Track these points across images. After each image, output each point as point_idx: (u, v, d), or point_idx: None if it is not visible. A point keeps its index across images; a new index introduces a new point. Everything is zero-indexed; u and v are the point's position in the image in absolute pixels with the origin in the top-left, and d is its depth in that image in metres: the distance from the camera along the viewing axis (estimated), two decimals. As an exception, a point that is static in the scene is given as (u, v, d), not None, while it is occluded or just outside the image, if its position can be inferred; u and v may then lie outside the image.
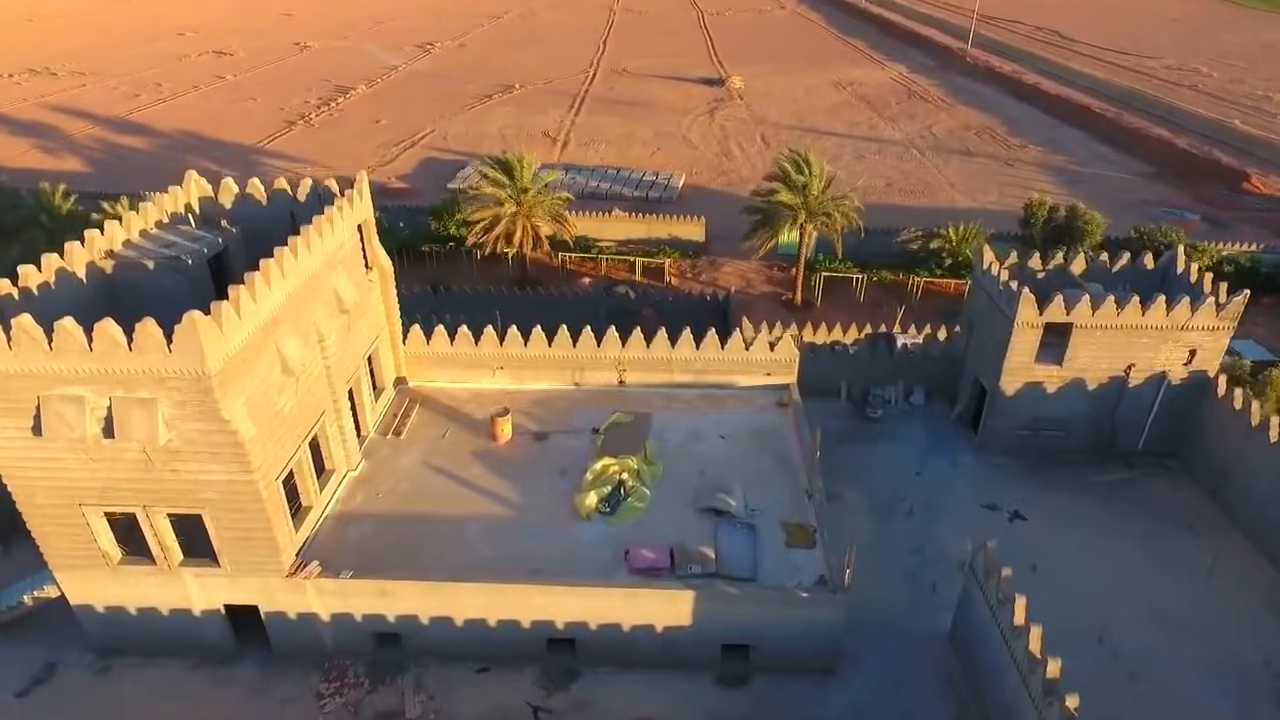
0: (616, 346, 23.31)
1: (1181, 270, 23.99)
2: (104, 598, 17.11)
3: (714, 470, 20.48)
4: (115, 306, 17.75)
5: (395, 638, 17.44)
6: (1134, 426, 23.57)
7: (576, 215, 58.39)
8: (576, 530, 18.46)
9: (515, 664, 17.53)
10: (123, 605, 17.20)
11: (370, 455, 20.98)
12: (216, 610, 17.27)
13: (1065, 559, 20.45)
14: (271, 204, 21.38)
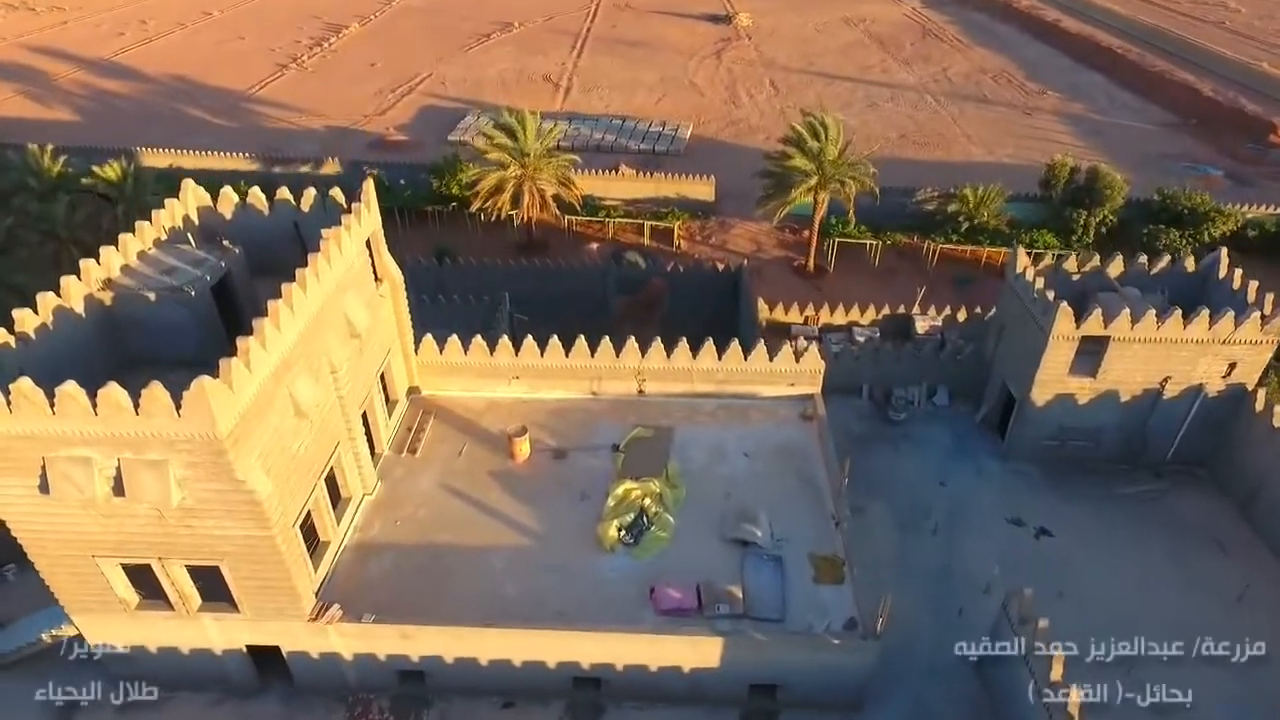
0: (636, 356, 22.55)
1: (1224, 275, 23.03)
2: (123, 638, 16.87)
3: (739, 492, 20.02)
4: (118, 342, 17.00)
5: (419, 674, 17.28)
6: (1165, 437, 23.05)
7: (582, 174, 56.74)
8: (600, 564, 18.11)
9: (540, 700, 17.45)
10: (143, 644, 16.97)
11: (386, 475, 20.48)
12: (238, 649, 17.06)
13: (1092, 582, 20.20)
14: (274, 214, 20.31)
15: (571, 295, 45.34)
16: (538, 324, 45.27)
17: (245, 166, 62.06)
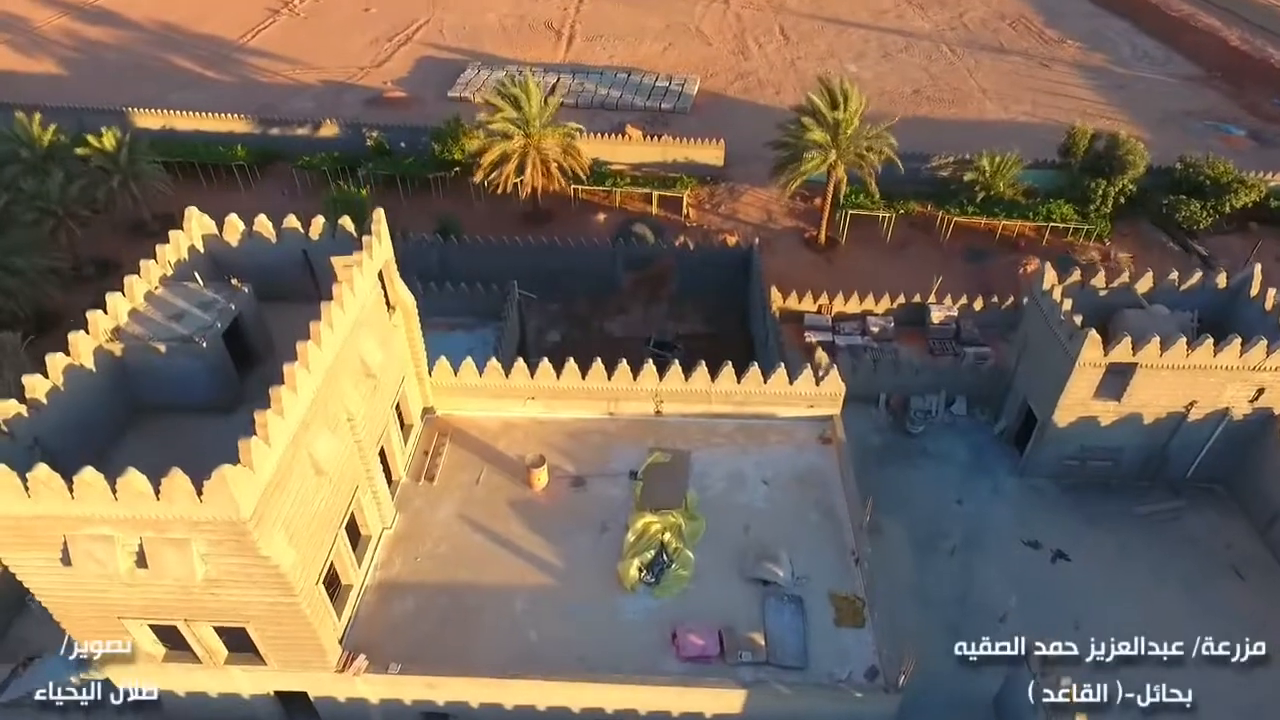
0: (653, 379, 22.18)
1: (1256, 294, 22.45)
2: (150, 684, 17.04)
3: (758, 524, 19.98)
4: (130, 391, 16.66)
5: (445, 716, 17.55)
6: (1186, 456, 22.91)
7: (587, 137, 55.21)
8: (621, 605, 18.18)
9: (563, 732, 17.77)
10: (171, 690, 17.17)
11: (404, 506, 20.40)
12: (266, 694, 17.27)
13: (1108, 611, 20.34)
14: (282, 243, 19.68)
15: (579, 272, 44.69)
16: (545, 301, 44.79)
17: (240, 128, 60.40)
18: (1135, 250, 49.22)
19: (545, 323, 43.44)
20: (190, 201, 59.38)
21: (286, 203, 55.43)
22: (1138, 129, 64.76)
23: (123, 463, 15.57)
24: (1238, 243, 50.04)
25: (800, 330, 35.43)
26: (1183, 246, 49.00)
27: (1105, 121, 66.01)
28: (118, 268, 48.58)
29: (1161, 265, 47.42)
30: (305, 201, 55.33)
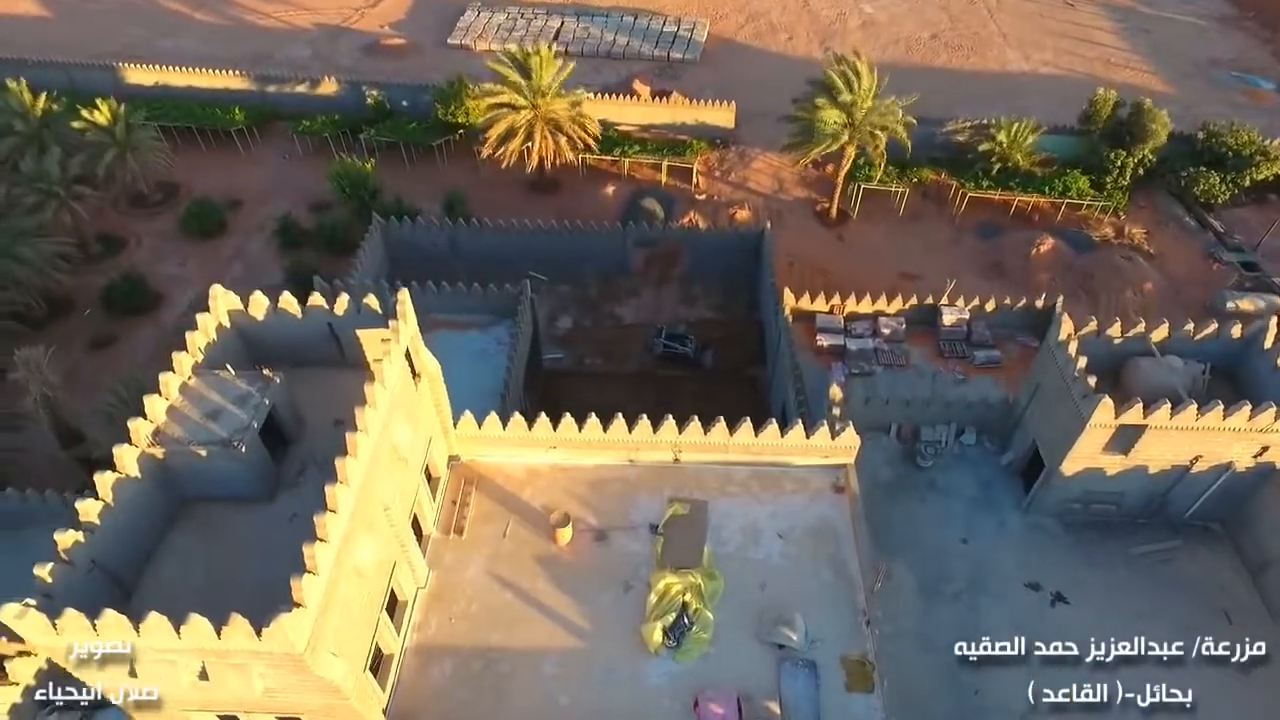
0: (673, 432, 22.73)
1: (1270, 346, 22.70)
2: (212, 748, 18.42)
3: (773, 582, 21.02)
4: (174, 488, 17.33)
5: (483, 771, 19.03)
6: (1186, 499, 23.73)
7: (595, 98, 53.77)
8: (645, 670, 19.39)
9: (594, 791, 19.32)
10: (230, 752, 18.58)
11: (435, 563, 21.38)
12: (317, 756, 18.69)
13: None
14: (308, 318, 19.83)
15: (590, 254, 44.55)
16: (555, 283, 44.81)
17: (236, 84, 58.77)
18: (1150, 225, 48.75)
19: (556, 308, 43.59)
20: (189, 168, 58.72)
21: (287, 167, 54.68)
22: (1161, 81, 62.85)
23: (172, 563, 16.51)
24: (1255, 215, 49.56)
25: (812, 330, 35.65)
26: (1199, 221, 48.54)
27: (1128, 72, 63.95)
28: (124, 243, 48.43)
29: (1176, 242, 47.24)
30: (306, 166, 54.49)
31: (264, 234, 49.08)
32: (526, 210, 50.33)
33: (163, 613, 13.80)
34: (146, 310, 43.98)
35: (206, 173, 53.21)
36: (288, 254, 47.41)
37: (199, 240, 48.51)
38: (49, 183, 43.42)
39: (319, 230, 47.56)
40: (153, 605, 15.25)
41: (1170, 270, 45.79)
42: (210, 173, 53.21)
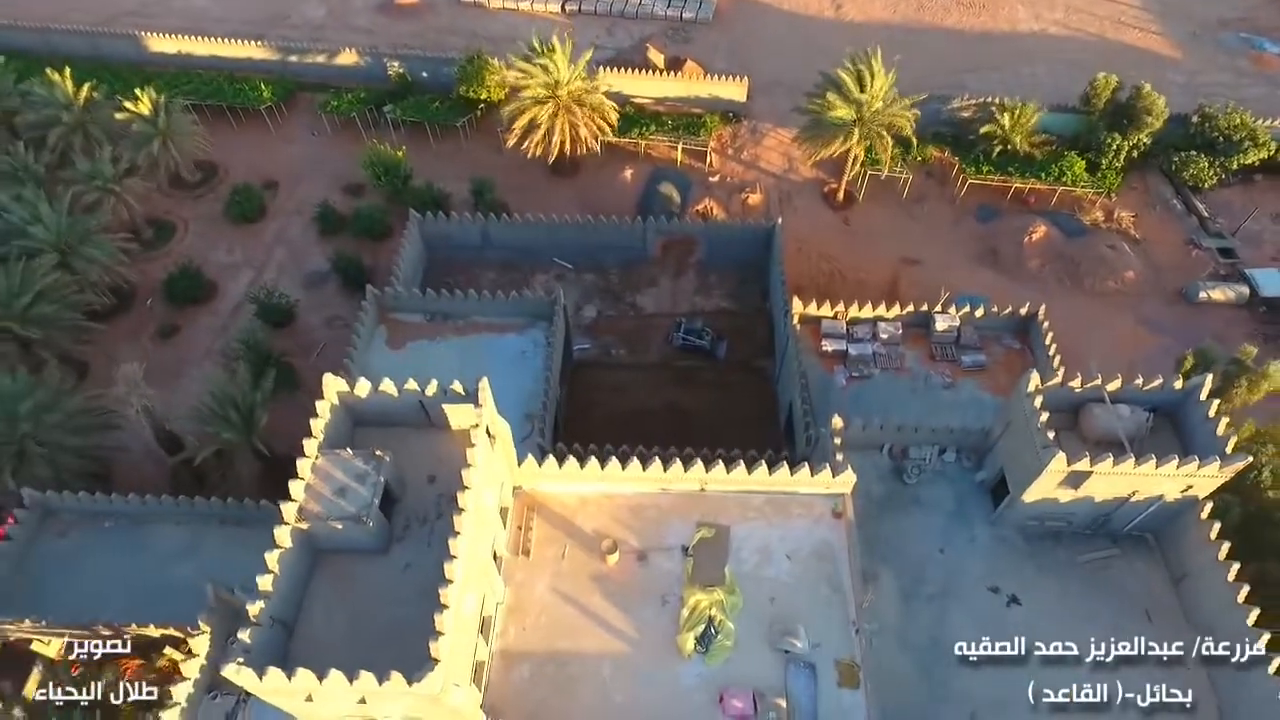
0: (701, 471, 27.28)
1: (1205, 397, 26.92)
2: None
3: (781, 597, 26.14)
4: (314, 545, 22.16)
5: (556, 745, 24.77)
6: (1124, 519, 28.53)
7: (611, 71, 55.52)
8: (681, 672, 24.76)
9: (641, 758, 25.14)
10: (363, 735, 24.22)
11: (509, 580, 26.44)
12: (430, 736, 24.37)
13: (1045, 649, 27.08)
14: (402, 399, 24.01)
15: (612, 244, 47.85)
16: (580, 271, 48.49)
17: (259, 55, 60.18)
18: (1139, 208, 51.69)
19: (581, 297, 47.32)
20: (223, 146, 62.55)
21: (317, 144, 57.04)
22: (1169, 43, 63.75)
23: (318, 607, 21.55)
24: (1239, 197, 52.38)
25: (818, 333, 39.60)
26: (1185, 204, 51.42)
27: (1137, 33, 64.72)
28: (173, 229, 51.62)
29: (1161, 225, 50.53)
30: (335, 144, 56.82)
31: (302, 218, 52.10)
32: (548, 191, 53.28)
33: (319, 654, 18.86)
34: (204, 300, 47.74)
35: (240, 151, 55.55)
36: (328, 240, 50.66)
37: (242, 225, 51.59)
38: (104, 180, 46.22)
39: (356, 217, 50.56)
40: (311, 645, 20.51)
41: (1152, 256, 49.15)
42: (244, 152, 55.54)
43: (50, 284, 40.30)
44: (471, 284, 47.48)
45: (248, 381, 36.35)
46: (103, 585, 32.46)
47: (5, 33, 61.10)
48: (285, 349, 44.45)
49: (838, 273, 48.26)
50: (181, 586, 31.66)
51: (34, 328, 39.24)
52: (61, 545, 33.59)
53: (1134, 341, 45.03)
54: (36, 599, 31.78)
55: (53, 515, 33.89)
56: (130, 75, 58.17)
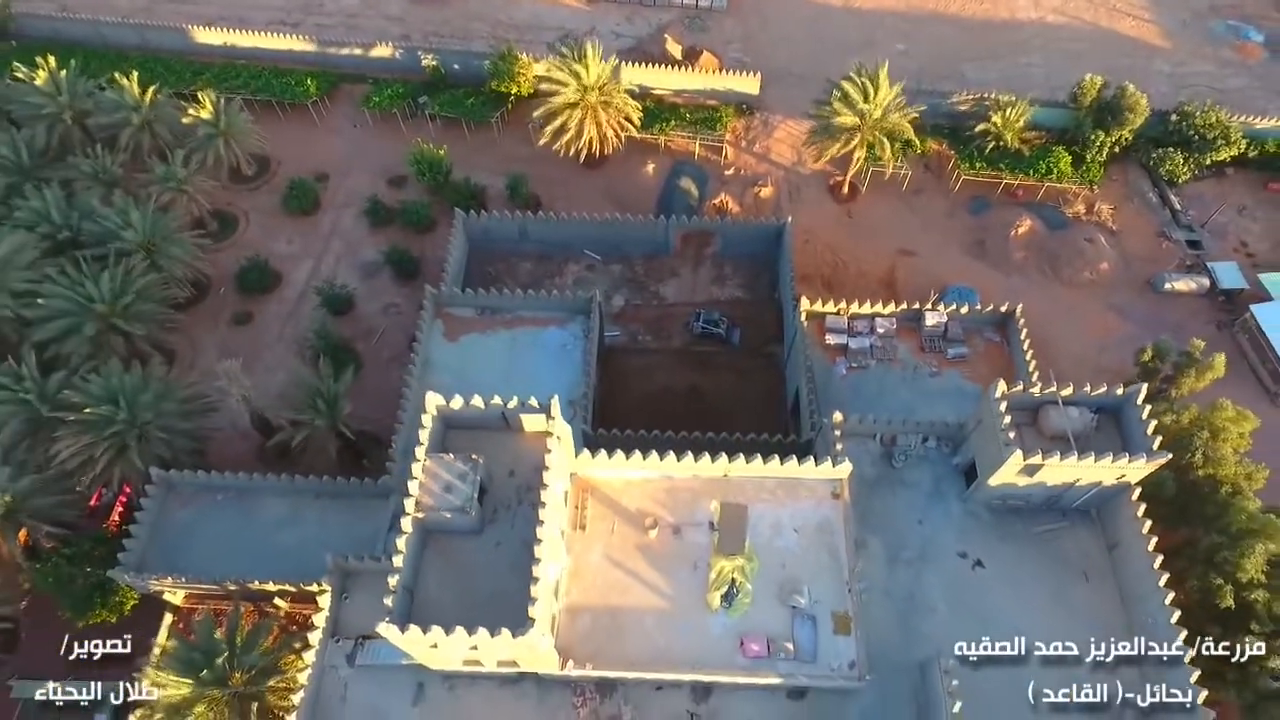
0: (725, 462, 33.36)
1: (1141, 402, 32.76)
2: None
3: (790, 564, 32.54)
4: (425, 533, 28.45)
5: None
6: (1072, 498, 34.75)
7: (630, 65, 59.38)
8: (709, 622, 31.32)
9: (679, 689, 31.95)
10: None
11: (570, 550, 32.81)
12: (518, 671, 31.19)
13: (999, 603, 33.67)
14: (488, 409, 29.88)
15: (637, 239, 53.09)
16: (608, 262, 53.85)
17: (300, 47, 63.84)
18: (1118, 200, 56.55)
19: (609, 286, 52.74)
20: (273, 139, 67.96)
21: (360, 137, 61.62)
22: (1159, 32, 67.23)
23: (432, 576, 27.98)
24: (1211, 190, 57.17)
25: (822, 327, 45.09)
26: (1161, 197, 56.20)
27: (1130, 22, 68.06)
28: (235, 221, 56.64)
29: (1137, 218, 55.63)
30: (376, 136, 61.26)
31: (353, 210, 57.01)
32: (577, 184, 58.03)
33: (435, 613, 25.32)
34: (271, 288, 53.13)
35: (289, 145, 59.98)
36: (378, 231, 55.73)
37: (299, 216, 56.55)
38: (178, 181, 51.06)
39: (403, 211, 55.49)
40: (428, 606, 27.01)
41: (1126, 248, 54.25)
42: (293, 145, 59.98)
43: (146, 283, 45.64)
44: (510, 273, 53.06)
45: (330, 374, 42.07)
46: (220, 549, 38.95)
47: (57, 24, 64.62)
48: (348, 335, 50.12)
49: (841, 264, 53.41)
50: (285, 550, 38.42)
51: (136, 323, 44.84)
52: (183, 515, 39.94)
53: (1103, 328, 50.56)
54: (169, 560, 38.32)
55: (173, 490, 40.12)
56: (181, 68, 62.09)
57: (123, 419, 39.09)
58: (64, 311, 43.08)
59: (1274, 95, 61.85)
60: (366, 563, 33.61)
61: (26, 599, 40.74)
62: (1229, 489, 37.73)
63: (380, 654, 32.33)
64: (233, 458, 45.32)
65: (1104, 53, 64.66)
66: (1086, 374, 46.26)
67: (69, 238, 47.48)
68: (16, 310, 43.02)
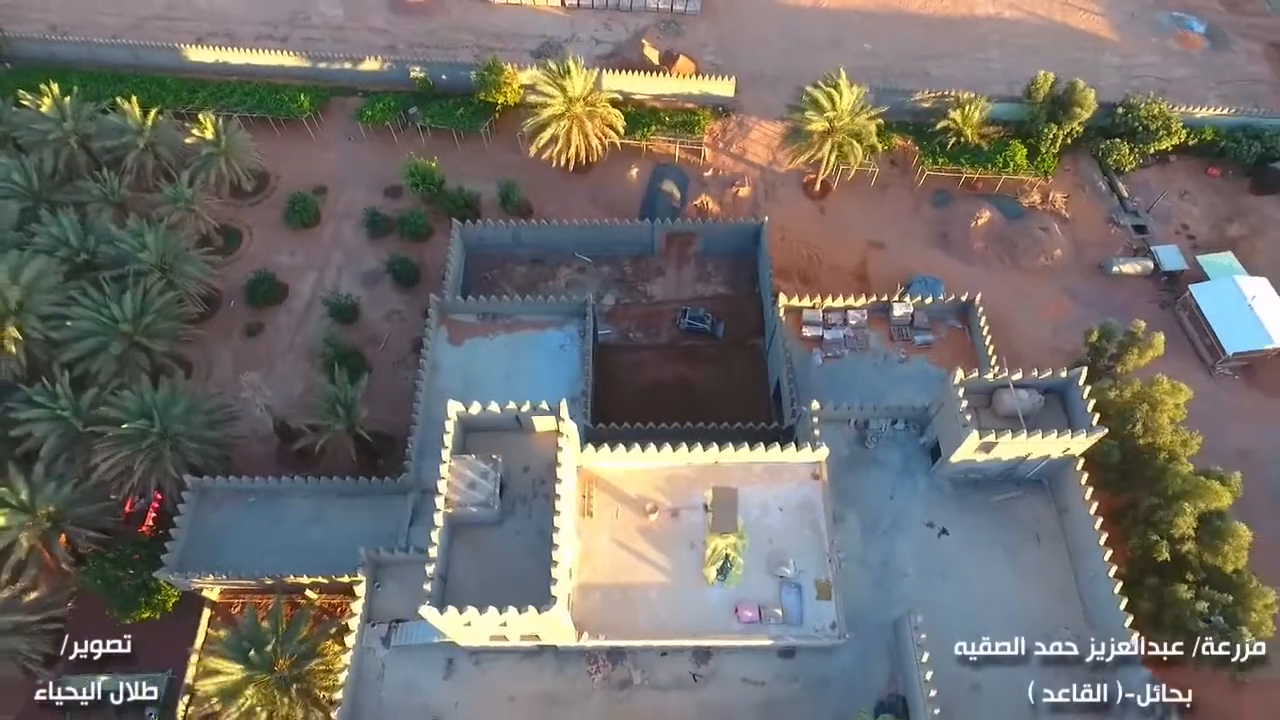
0: (715, 451, 37.15)
1: (1082, 382, 36.93)
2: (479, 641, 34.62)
3: (777, 539, 36.52)
4: (453, 525, 32.07)
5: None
6: (1025, 471, 39.03)
7: (611, 72, 62.30)
8: (707, 593, 35.27)
9: (681, 653, 35.95)
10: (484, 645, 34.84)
11: (580, 534, 36.57)
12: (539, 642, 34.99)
13: (963, 565, 37.94)
14: (503, 413, 33.42)
15: (624, 241, 56.48)
16: (598, 264, 57.17)
17: (291, 63, 66.07)
18: (1070, 189, 60.64)
19: (600, 287, 56.15)
20: (270, 154, 69.99)
21: (354, 149, 64.24)
22: (1108, 25, 71.20)
23: (460, 563, 31.64)
24: (1156, 177, 61.42)
25: (799, 320, 48.85)
26: (1110, 186, 60.37)
27: (1081, 15, 71.91)
28: (239, 235, 59.28)
29: (1088, 205, 59.80)
30: (369, 148, 63.86)
31: (352, 221, 59.81)
32: (565, 189, 61.14)
33: (465, 594, 29.10)
34: (278, 300, 55.97)
35: (287, 159, 62.48)
36: (377, 241, 58.63)
37: (300, 229, 59.24)
38: (185, 201, 53.63)
39: (400, 221, 58.40)
40: (459, 588, 30.64)
41: (1078, 234, 58.42)
42: (290, 160, 62.48)
43: (164, 301, 48.43)
44: (506, 278, 56.30)
45: (345, 381, 45.27)
46: (252, 547, 42.21)
47: (52, 47, 66.35)
48: (356, 342, 53.22)
49: (815, 258, 57.12)
50: (313, 546, 41.75)
51: (157, 340, 47.69)
52: (217, 518, 43.11)
53: (1058, 311, 54.78)
54: (207, 559, 41.56)
55: (206, 495, 43.30)
56: (177, 87, 64.18)
57: (156, 431, 42.13)
58: (90, 332, 45.78)
59: (1214, 84, 66.01)
60: (396, 554, 37.16)
61: (73, 600, 43.79)
62: (1166, 455, 42.02)
63: (412, 635, 36.03)
64: (255, 462, 48.47)
65: (1057, 46, 68.46)
66: (1043, 354, 50.83)
67: (86, 260, 49.98)
68: (45, 332, 45.65)
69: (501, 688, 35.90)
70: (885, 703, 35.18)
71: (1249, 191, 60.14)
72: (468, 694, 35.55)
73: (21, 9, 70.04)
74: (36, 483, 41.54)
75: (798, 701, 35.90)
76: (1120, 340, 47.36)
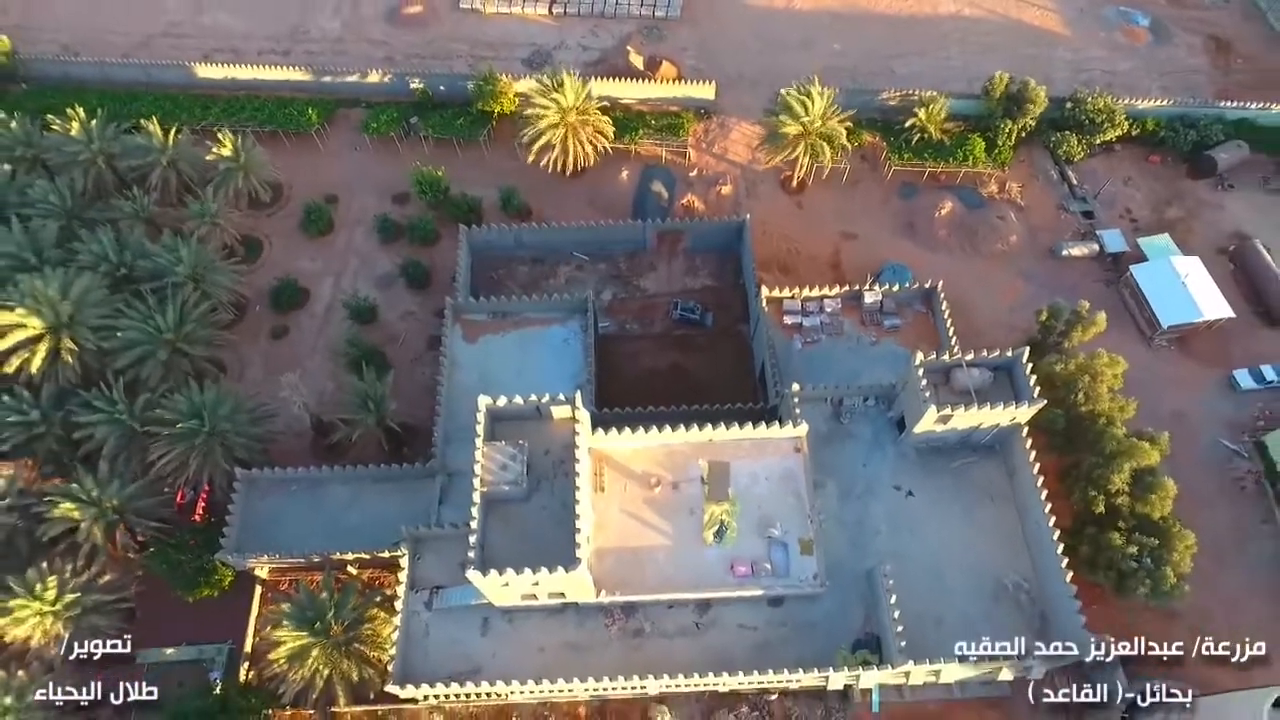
0: (710, 431, 42.57)
1: (1025, 360, 42.58)
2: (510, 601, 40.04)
3: (764, 505, 42.06)
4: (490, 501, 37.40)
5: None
6: (979, 438, 44.78)
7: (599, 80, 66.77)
8: (706, 553, 40.81)
9: (685, 605, 41.60)
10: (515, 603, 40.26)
11: (595, 507, 41.93)
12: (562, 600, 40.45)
13: (926, 522, 43.73)
14: (526, 404, 38.61)
15: (619, 240, 61.43)
16: (595, 261, 62.16)
17: (297, 77, 70.09)
18: (1025, 179, 66.06)
19: (598, 283, 61.16)
20: (283, 166, 74.51)
21: (360, 159, 68.49)
22: (1060, 21, 76.31)
23: (494, 533, 37.02)
24: (1102, 164, 66.90)
25: (780, 309, 54.15)
26: (1060, 175, 65.85)
27: (1035, 12, 76.96)
28: (260, 244, 63.65)
29: (1041, 194, 65.34)
30: (375, 157, 68.15)
31: (364, 227, 64.27)
32: (561, 192, 65.80)
33: (500, 558, 34.54)
34: (301, 304, 60.56)
35: (298, 171, 66.66)
36: (389, 246, 63.18)
37: (316, 237, 63.65)
38: (211, 215, 57.93)
39: (409, 227, 62.95)
40: (495, 554, 35.96)
41: (1032, 221, 63.93)
42: (301, 171, 66.66)
43: (200, 310, 52.98)
44: (510, 277, 61.16)
45: (375, 380, 50.17)
46: (298, 530, 47.37)
47: (67, 67, 69.87)
48: (375, 341, 58.00)
49: (794, 250, 62.32)
50: (352, 527, 46.97)
51: (196, 346, 52.31)
52: (264, 505, 48.20)
53: (1013, 292, 60.38)
54: (259, 542, 46.66)
55: (254, 485, 48.28)
56: (190, 103, 68.03)
57: (206, 430, 46.96)
58: (138, 341, 50.30)
59: (1156, 75, 71.39)
60: (432, 530, 42.44)
61: (138, 583, 48.76)
62: (1104, 420, 47.85)
63: (451, 598, 41.41)
64: (291, 455, 53.36)
65: (1013, 43, 73.49)
66: (1000, 333, 56.46)
67: (125, 275, 54.31)
68: (96, 343, 50.14)
69: (532, 640, 41.44)
70: (861, 640, 41.01)
71: (1185, 176, 65.78)
72: (503, 647, 41.08)
73: (34, 30, 73.32)
74: (101, 480, 46.30)
75: (787, 643, 41.66)
76: (1067, 319, 53.00)
